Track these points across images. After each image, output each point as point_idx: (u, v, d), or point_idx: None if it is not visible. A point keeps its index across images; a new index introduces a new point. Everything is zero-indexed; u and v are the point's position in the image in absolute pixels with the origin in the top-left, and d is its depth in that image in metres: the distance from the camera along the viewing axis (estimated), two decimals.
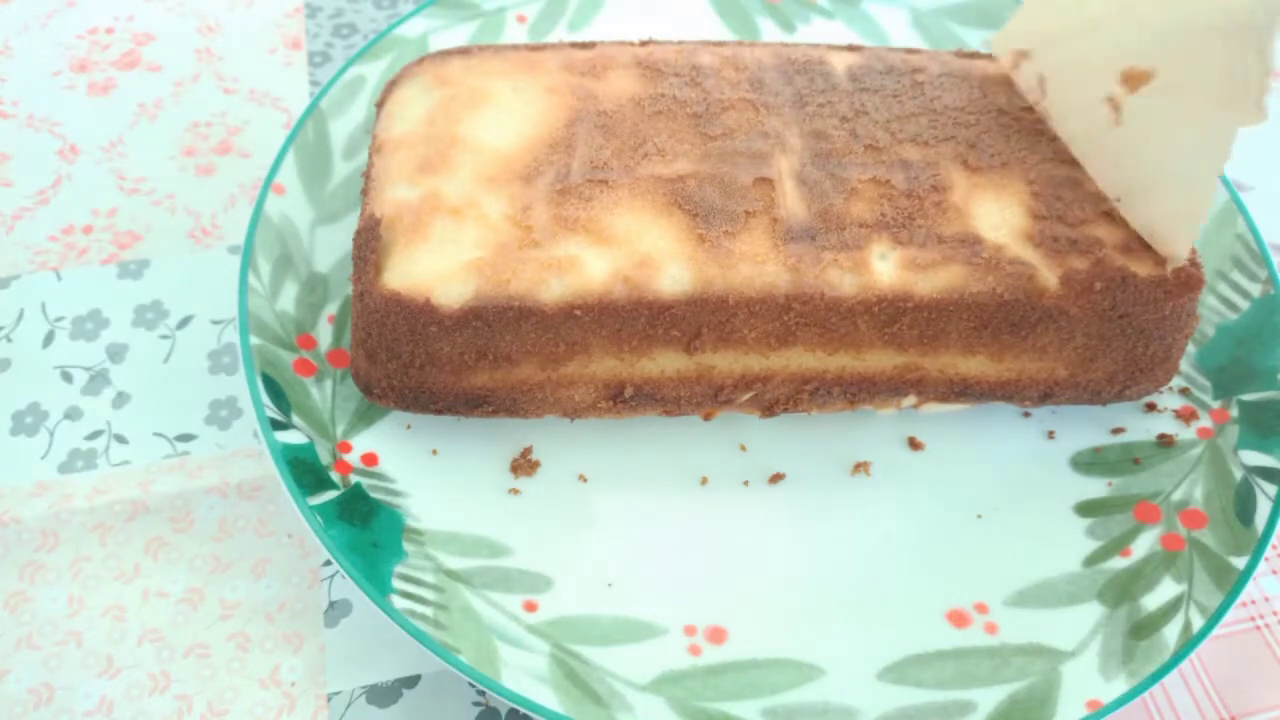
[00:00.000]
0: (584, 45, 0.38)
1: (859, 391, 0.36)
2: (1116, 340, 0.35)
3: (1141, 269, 0.34)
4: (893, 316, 0.33)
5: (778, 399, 0.36)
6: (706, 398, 0.35)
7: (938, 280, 0.33)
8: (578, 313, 0.32)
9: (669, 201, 0.33)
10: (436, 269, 0.32)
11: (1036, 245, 0.34)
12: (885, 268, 0.33)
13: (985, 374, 0.36)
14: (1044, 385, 0.36)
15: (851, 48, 0.39)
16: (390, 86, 0.38)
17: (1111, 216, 0.35)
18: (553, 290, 0.32)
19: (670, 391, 0.35)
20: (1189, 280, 0.34)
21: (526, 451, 0.37)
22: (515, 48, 0.38)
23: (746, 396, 0.35)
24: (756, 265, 0.32)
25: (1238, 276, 0.40)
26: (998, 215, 0.35)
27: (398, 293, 0.32)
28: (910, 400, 0.36)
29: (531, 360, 0.33)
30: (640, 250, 0.32)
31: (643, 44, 0.38)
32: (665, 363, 0.34)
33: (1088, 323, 0.34)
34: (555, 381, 0.34)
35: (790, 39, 0.50)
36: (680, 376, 0.34)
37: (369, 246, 0.33)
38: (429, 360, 0.33)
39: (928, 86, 0.38)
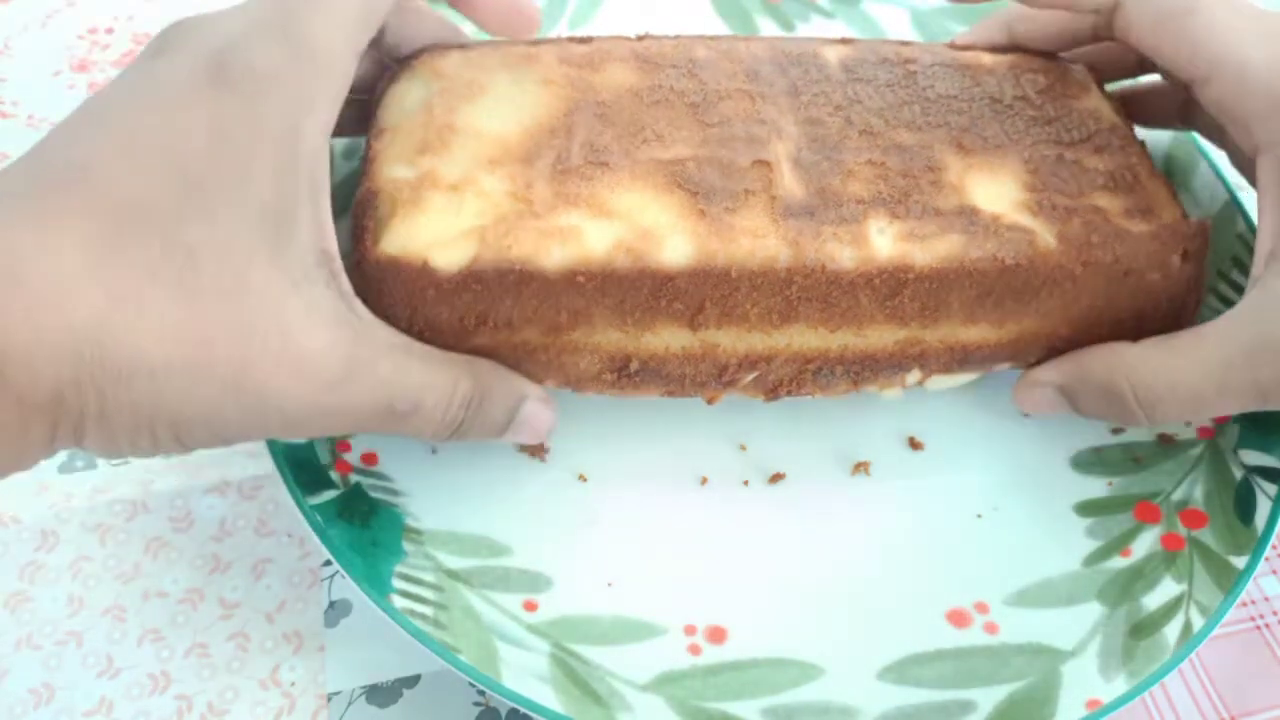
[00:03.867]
0: (581, 40, 0.38)
1: (862, 370, 0.35)
2: (1123, 302, 0.35)
3: (1140, 227, 0.34)
4: (894, 289, 0.33)
5: (781, 380, 0.35)
6: (710, 377, 0.35)
7: (937, 249, 0.33)
8: (580, 279, 0.32)
9: (669, 181, 0.33)
10: (435, 235, 0.32)
11: (1035, 214, 0.34)
12: (884, 241, 0.33)
13: (986, 339, 0.35)
14: (1046, 343, 0.36)
15: (844, 41, 0.39)
16: (387, 80, 0.38)
17: (1112, 190, 0.35)
18: (554, 257, 0.31)
19: (675, 369, 0.34)
20: (1185, 231, 0.34)
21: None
22: (512, 42, 0.38)
23: (750, 377, 0.35)
24: (757, 239, 0.32)
25: (1238, 276, 0.40)
26: (994, 190, 0.35)
27: (395, 258, 0.32)
28: (914, 376, 0.36)
29: (533, 328, 0.33)
30: (642, 224, 0.32)
31: (640, 38, 0.38)
32: (669, 338, 0.34)
33: (1093, 284, 0.34)
34: (559, 347, 0.34)
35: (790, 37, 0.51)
36: (685, 353, 0.34)
37: (366, 215, 0.32)
38: (428, 326, 0.33)
39: (920, 76, 0.38)
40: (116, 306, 0.25)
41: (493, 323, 0.33)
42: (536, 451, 0.37)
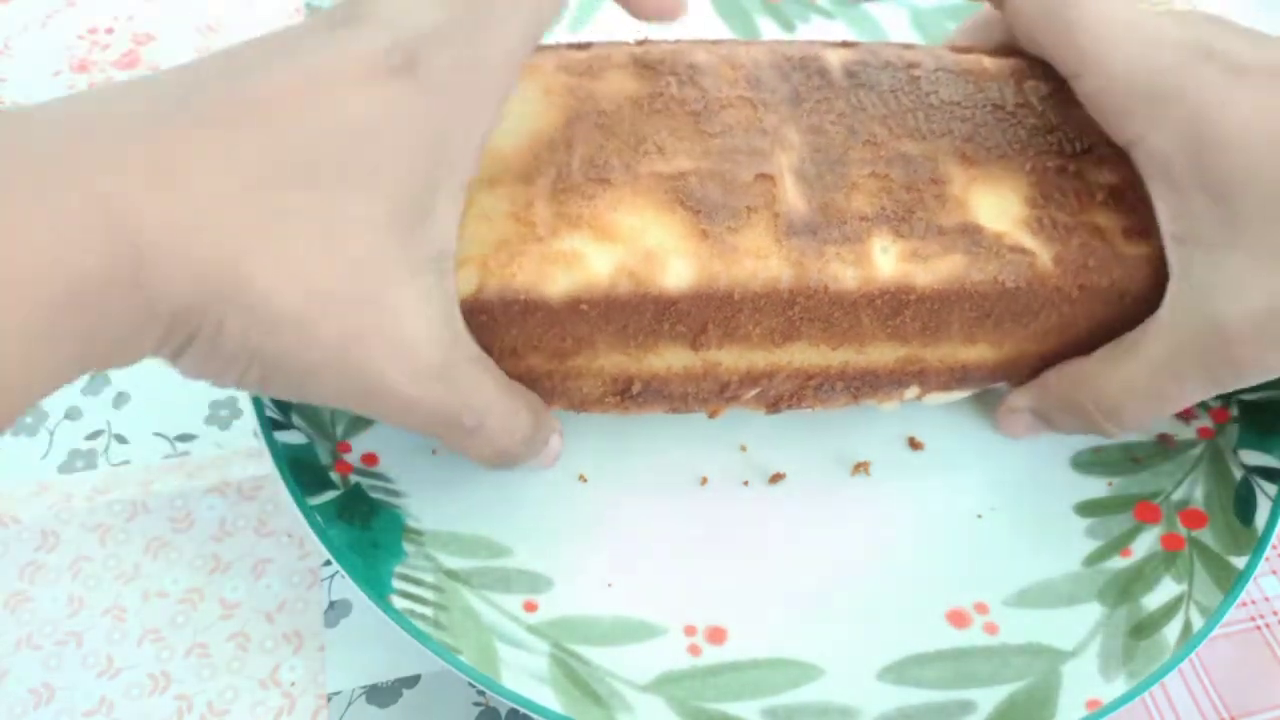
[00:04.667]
0: (580, 46, 0.38)
1: (862, 386, 0.36)
2: (1118, 324, 0.35)
3: (1137, 250, 0.34)
4: (895, 309, 0.33)
5: (782, 395, 0.36)
6: (712, 394, 0.35)
7: (939, 270, 0.33)
8: (584, 307, 0.32)
9: (671, 199, 0.33)
10: None
11: (1035, 233, 0.34)
12: (887, 261, 0.33)
13: (985, 359, 0.36)
14: (1044, 363, 0.36)
15: (846, 44, 0.39)
16: None
17: (1111, 207, 0.35)
18: (558, 284, 0.32)
19: (678, 388, 0.35)
20: None
21: None
22: None
23: (752, 393, 0.35)
24: (759, 260, 0.32)
25: None
26: (996, 206, 0.35)
27: None
28: (913, 392, 0.36)
29: (538, 354, 0.33)
30: (644, 246, 0.32)
31: (639, 43, 0.38)
32: (672, 359, 0.34)
33: (1089, 306, 0.34)
34: (563, 373, 0.34)
35: (790, 39, 0.50)
36: (687, 373, 0.34)
37: None
38: None
39: (924, 81, 0.37)
40: (262, 243, 0.25)
41: (498, 351, 0.33)
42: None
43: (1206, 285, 0.31)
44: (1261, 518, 0.34)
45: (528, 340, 0.33)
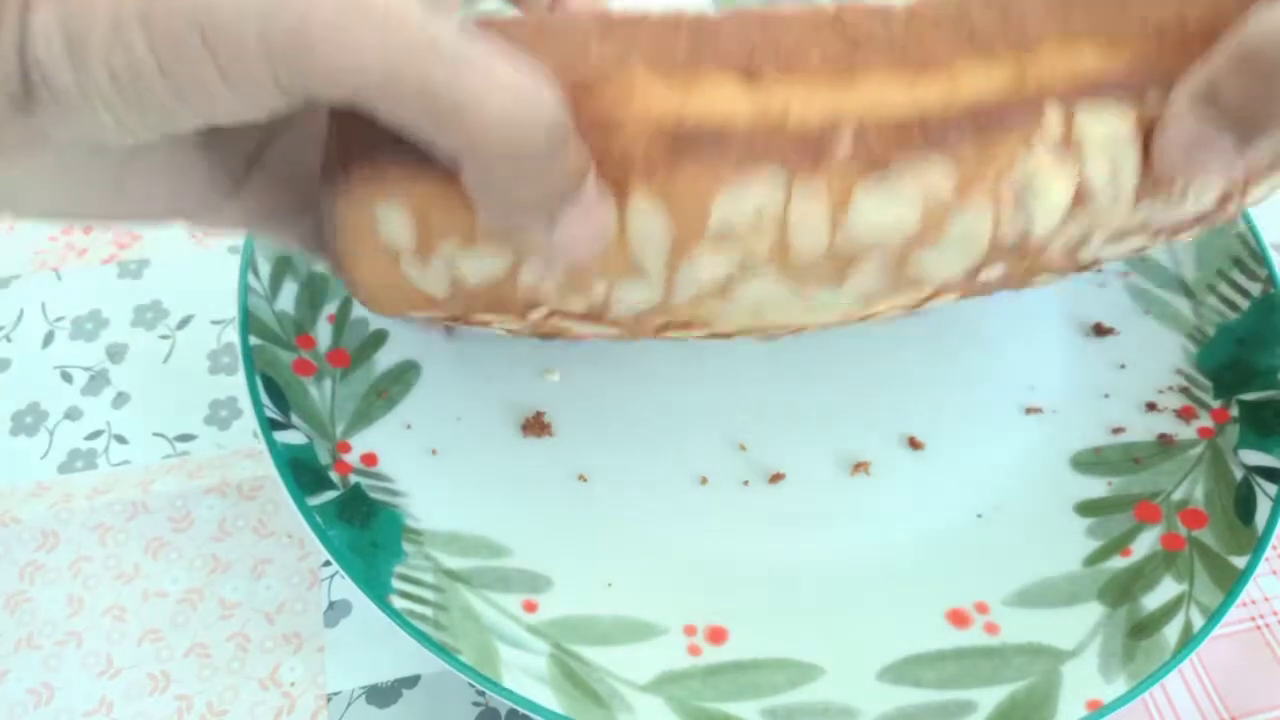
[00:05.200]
0: None
1: (977, 130, 0.27)
2: None
3: None
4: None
5: (888, 147, 0.27)
6: (793, 150, 0.27)
7: None
8: (610, 19, 0.27)
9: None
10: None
11: None
12: None
13: (1106, 63, 0.28)
14: (1178, 53, 0.28)
15: None
16: None
17: None
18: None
19: (743, 134, 0.27)
20: None
21: (539, 415, 0.37)
22: None
23: (845, 144, 0.27)
24: None
25: (1238, 276, 0.40)
26: None
27: None
28: (1055, 118, 0.28)
29: (564, 80, 0.26)
30: None
31: None
32: (726, 99, 0.27)
33: None
34: (597, 117, 0.26)
35: None
36: (754, 120, 0.27)
37: None
38: None
39: None
40: None
41: None
42: (540, 430, 0.37)
43: None
44: (1262, 517, 0.34)
45: (549, 56, 0.26)
